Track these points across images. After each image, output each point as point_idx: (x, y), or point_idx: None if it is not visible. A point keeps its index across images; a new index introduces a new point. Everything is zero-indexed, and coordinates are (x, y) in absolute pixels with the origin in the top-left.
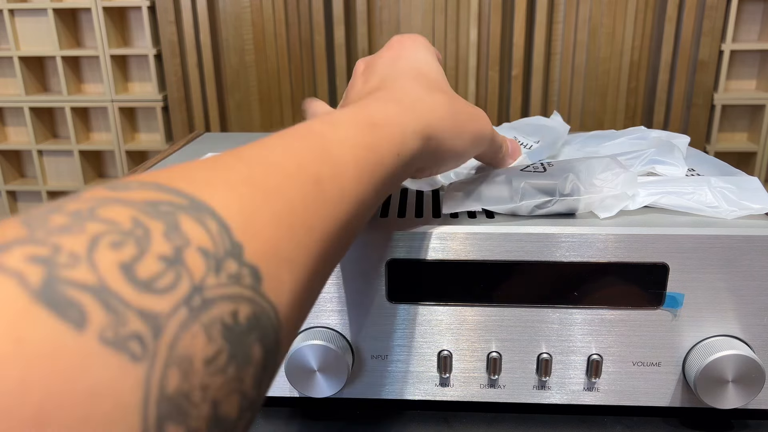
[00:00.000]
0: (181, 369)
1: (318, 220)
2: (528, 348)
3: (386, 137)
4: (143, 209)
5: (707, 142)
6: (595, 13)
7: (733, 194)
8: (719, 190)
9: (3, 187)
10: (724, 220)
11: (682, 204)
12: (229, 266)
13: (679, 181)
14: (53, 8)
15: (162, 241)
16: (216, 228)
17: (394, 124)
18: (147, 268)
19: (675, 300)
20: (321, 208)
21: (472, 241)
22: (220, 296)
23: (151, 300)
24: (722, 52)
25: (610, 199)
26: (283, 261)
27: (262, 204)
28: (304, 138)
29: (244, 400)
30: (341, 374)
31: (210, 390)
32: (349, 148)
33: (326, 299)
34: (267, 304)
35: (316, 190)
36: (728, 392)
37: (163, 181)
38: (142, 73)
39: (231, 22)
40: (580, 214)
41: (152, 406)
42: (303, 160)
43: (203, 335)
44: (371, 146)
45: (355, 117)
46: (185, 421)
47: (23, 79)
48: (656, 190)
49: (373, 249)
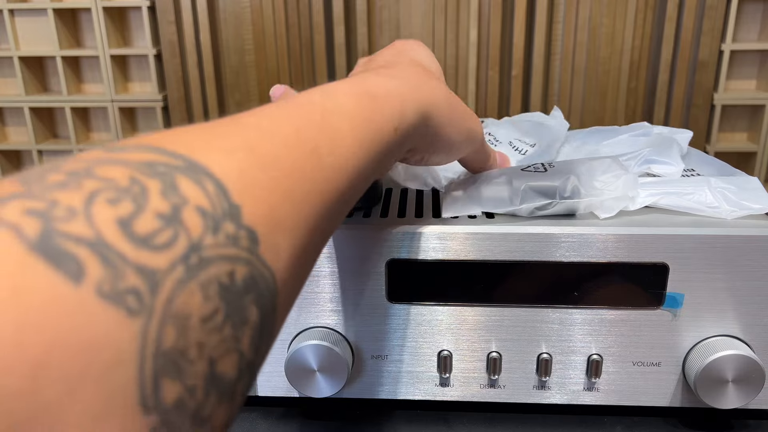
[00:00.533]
0: (177, 325)
1: (315, 189)
2: (528, 348)
3: (385, 109)
4: (140, 169)
5: (707, 142)
6: (595, 13)
7: (733, 194)
8: (719, 190)
9: None
10: (724, 220)
11: (682, 204)
12: (227, 227)
13: (679, 181)
14: (53, 8)
15: (159, 199)
16: (213, 189)
17: (394, 96)
18: (144, 225)
19: (675, 300)
20: (318, 177)
21: (472, 241)
22: (217, 256)
23: (148, 256)
24: (722, 52)
25: (611, 201)
26: (280, 226)
27: (260, 169)
28: (303, 107)
29: (242, 360)
30: (341, 374)
31: (206, 348)
32: (347, 118)
33: (326, 299)
34: (264, 268)
35: (313, 159)
36: (728, 392)
37: (160, 143)
38: (142, 73)
39: (231, 22)
40: (580, 214)
41: (149, 361)
42: (301, 129)
43: (200, 293)
44: (370, 117)
45: (354, 88)
46: (181, 377)
47: (23, 79)
48: (656, 190)
49: (373, 249)
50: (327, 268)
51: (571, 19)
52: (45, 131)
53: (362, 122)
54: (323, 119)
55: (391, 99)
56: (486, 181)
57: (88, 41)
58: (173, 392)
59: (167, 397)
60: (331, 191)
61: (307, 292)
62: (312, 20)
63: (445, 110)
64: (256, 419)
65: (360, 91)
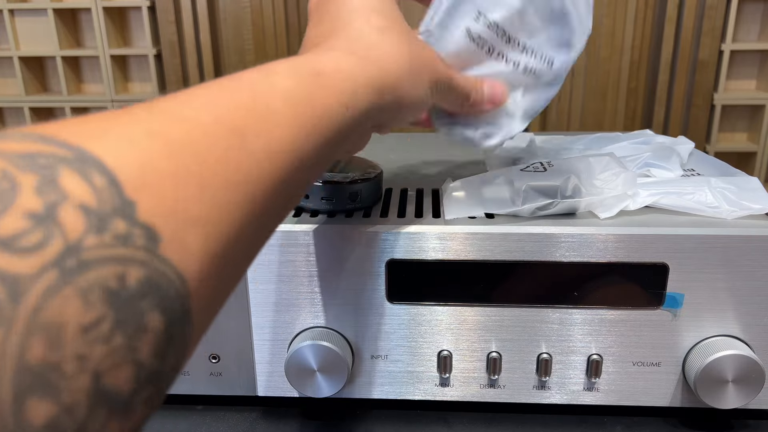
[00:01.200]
0: (47, 337)
1: (241, 177)
2: (528, 348)
3: (332, 89)
4: (15, 161)
5: (707, 142)
6: (595, 13)
7: (733, 194)
8: (719, 190)
9: None
10: (724, 220)
11: (682, 204)
12: (117, 225)
13: (679, 181)
14: (53, 8)
15: (31, 196)
16: (102, 183)
17: (344, 75)
18: (8, 226)
19: (675, 300)
20: (244, 164)
21: (472, 241)
22: (102, 258)
23: (10, 261)
24: (722, 52)
25: (611, 199)
26: (191, 221)
27: (167, 157)
28: (231, 88)
29: (141, 371)
30: (341, 374)
31: (89, 360)
32: (283, 99)
33: (326, 299)
34: (167, 268)
35: (238, 144)
36: (728, 392)
37: (49, 131)
38: (142, 73)
39: (231, 22)
40: (580, 213)
41: (7, 378)
42: (223, 112)
43: (79, 300)
44: (313, 97)
45: (297, 66)
46: (55, 394)
47: (23, 79)
48: (657, 190)
49: (373, 249)
50: (327, 268)
51: None
52: None
53: (302, 102)
54: (254, 100)
55: (340, 77)
56: (487, 183)
57: (88, 41)
58: (44, 412)
59: (35, 418)
60: (263, 179)
61: (307, 292)
62: None
63: (405, 71)
64: (256, 419)
65: (303, 70)
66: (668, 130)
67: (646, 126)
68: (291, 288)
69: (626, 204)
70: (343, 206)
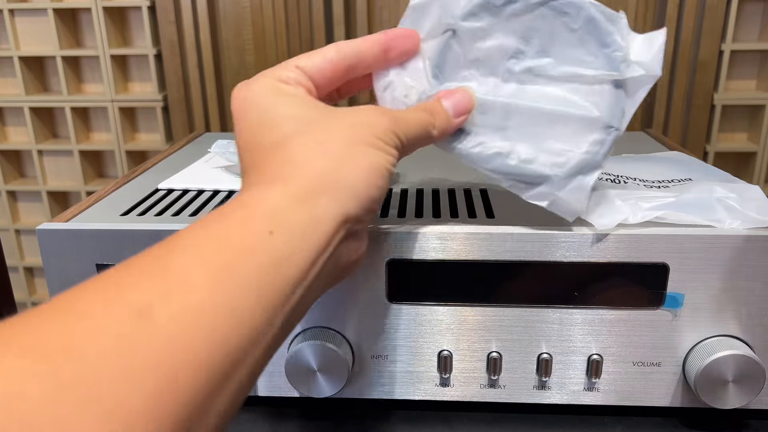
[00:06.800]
0: None
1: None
2: (528, 348)
3: (281, 276)
4: None
5: (707, 142)
6: None
7: (737, 204)
8: (723, 203)
9: (3, 187)
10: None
11: (685, 219)
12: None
13: (682, 194)
14: (53, 8)
15: None
16: None
17: (297, 237)
18: None
19: (675, 300)
20: (146, 349)
21: (472, 241)
22: None
23: None
24: (722, 52)
25: (604, 208)
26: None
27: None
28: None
29: None
30: (341, 374)
31: None
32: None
33: (326, 299)
34: None
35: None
36: (728, 392)
37: None
38: (142, 73)
39: (231, 22)
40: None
41: None
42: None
43: None
44: (267, 274)
45: (212, 263)
46: None
47: (23, 79)
48: (659, 203)
49: (373, 249)
50: None
51: None
52: (45, 131)
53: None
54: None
55: (292, 239)
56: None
57: (88, 41)
58: None
59: None
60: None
61: None
62: (312, 20)
63: (359, 181)
64: (256, 419)
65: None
66: (668, 130)
67: (646, 126)
68: None
69: (625, 217)
70: None
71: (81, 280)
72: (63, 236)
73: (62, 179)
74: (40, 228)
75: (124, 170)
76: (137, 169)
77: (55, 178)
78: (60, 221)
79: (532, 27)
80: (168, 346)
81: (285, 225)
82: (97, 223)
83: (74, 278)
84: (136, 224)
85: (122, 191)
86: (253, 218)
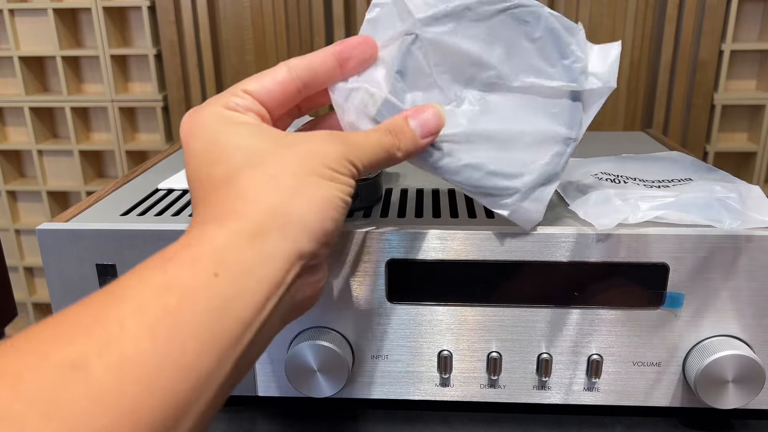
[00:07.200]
0: None
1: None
2: (528, 348)
3: (239, 303)
4: None
5: (707, 142)
6: (595, 13)
7: (737, 204)
8: (723, 203)
9: (3, 187)
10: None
11: (685, 219)
12: None
13: (682, 194)
14: (53, 8)
15: None
16: None
17: (251, 279)
18: None
19: (675, 300)
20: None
21: (472, 241)
22: None
23: None
24: (722, 52)
25: (604, 208)
26: None
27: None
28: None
29: None
30: (341, 374)
31: None
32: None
33: (326, 299)
34: None
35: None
36: (728, 392)
37: None
38: (142, 73)
39: (231, 22)
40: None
41: None
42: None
43: None
44: (215, 313)
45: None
46: None
47: (23, 79)
48: (659, 203)
49: (373, 249)
50: (327, 268)
51: (571, 19)
52: (45, 131)
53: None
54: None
55: (245, 281)
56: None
57: (88, 41)
58: None
59: None
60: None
61: None
62: (312, 20)
63: (313, 216)
64: (256, 419)
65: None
66: (668, 130)
67: (646, 126)
68: None
69: (625, 217)
70: None
71: (81, 280)
72: (63, 236)
73: (62, 179)
74: (40, 228)
75: (124, 170)
76: (137, 169)
77: (55, 178)
78: (60, 221)
79: (494, 34)
80: (104, 398)
81: (233, 265)
82: (97, 223)
83: (74, 278)
84: (136, 224)
85: (122, 191)
86: (197, 260)
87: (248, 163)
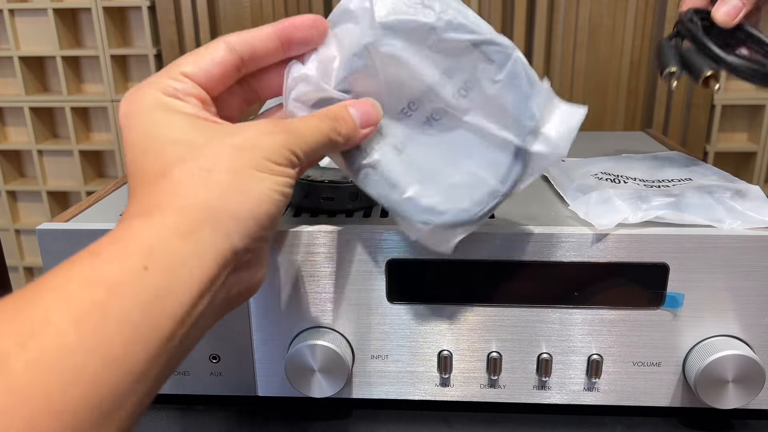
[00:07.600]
0: None
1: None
2: (528, 348)
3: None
4: None
5: (707, 142)
6: (595, 13)
7: (737, 204)
8: (723, 203)
9: (3, 187)
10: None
11: (685, 219)
12: None
13: (682, 194)
14: (53, 8)
15: None
16: None
17: (177, 276)
18: None
19: (675, 300)
20: None
21: (473, 241)
22: None
23: None
24: None
25: (604, 208)
26: None
27: None
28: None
29: None
30: (341, 374)
31: None
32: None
33: (326, 299)
34: None
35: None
36: (728, 392)
37: None
38: (142, 73)
39: (231, 22)
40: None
41: None
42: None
43: None
44: (143, 308)
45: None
46: None
47: (23, 79)
48: (659, 203)
49: (373, 249)
50: (327, 268)
51: (571, 19)
52: (45, 131)
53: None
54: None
55: (165, 296)
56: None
57: (88, 41)
58: None
59: None
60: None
61: (307, 292)
62: None
63: (235, 228)
64: (256, 419)
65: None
66: (668, 130)
67: (646, 126)
68: (291, 288)
69: (625, 217)
70: (343, 206)
71: None
72: (63, 236)
73: (62, 179)
74: (40, 228)
75: (124, 170)
76: None
77: (55, 178)
78: (60, 221)
79: (458, 63)
80: (23, 392)
81: (163, 259)
82: (97, 223)
83: None
84: None
85: (122, 191)
86: (125, 253)
87: (182, 158)
